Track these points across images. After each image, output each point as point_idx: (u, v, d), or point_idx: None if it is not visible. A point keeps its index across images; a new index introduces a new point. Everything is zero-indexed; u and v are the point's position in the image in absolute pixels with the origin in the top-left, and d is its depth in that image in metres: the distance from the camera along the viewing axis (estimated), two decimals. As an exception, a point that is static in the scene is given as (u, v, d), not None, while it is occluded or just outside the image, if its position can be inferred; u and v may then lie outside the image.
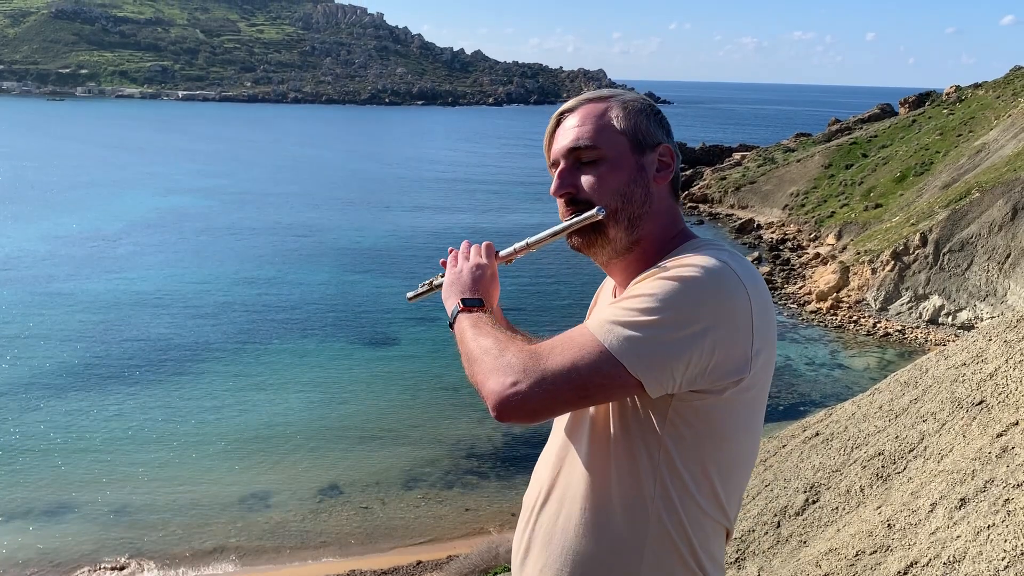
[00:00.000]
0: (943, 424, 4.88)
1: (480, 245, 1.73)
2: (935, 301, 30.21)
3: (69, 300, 30.50)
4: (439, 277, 1.77)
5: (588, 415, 1.50)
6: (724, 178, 52.73)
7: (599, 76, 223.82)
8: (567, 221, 1.56)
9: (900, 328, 29.66)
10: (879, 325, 29.84)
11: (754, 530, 5.41)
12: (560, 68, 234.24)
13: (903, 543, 3.76)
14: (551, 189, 1.58)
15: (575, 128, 1.56)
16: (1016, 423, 4.03)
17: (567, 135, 1.57)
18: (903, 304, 30.72)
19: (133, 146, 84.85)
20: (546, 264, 35.30)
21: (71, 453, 19.07)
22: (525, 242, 1.67)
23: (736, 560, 5.19)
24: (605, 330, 1.36)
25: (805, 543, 4.84)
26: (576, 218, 1.54)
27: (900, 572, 3.48)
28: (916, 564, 3.43)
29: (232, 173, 67.18)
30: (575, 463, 1.51)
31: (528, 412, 1.36)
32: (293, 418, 21.35)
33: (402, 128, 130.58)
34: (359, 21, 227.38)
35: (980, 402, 4.70)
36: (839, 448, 5.77)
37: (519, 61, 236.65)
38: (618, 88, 1.66)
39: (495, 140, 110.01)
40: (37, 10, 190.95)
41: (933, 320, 29.91)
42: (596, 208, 1.52)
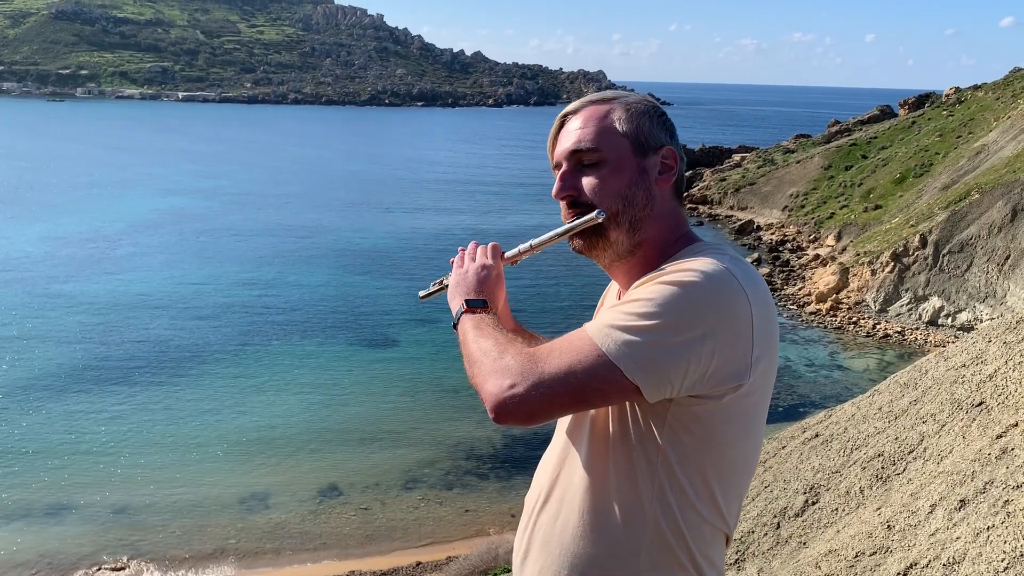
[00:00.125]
0: (943, 425, 4.89)
1: (487, 246, 1.73)
2: (935, 302, 30.22)
3: (69, 301, 30.50)
4: (449, 276, 1.77)
5: (588, 418, 1.50)
6: (724, 179, 52.76)
7: (599, 77, 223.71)
8: (568, 224, 1.56)
9: (900, 329, 29.66)
10: (879, 326, 29.85)
11: (754, 531, 5.41)
12: (560, 69, 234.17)
13: (903, 544, 3.76)
14: (553, 191, 1.58)
15: (577, 130, 1.56)
16: (1016, 424, 4.03)
17: (569, 137, 1.57)
18: (903, 305, 30.73)
19: (133, 147, 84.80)
20: (547, 266, 35.30)
21: (71, 454, 19.06)
22: (529, 244, 1.68)
23: (736, 561, 5.19)
24: (603, 334, 1.36)
25: (805, 544, 4.84)
26: (577, 221, 1.54)
27: (900, 573, 3.49)
28: (916, 565, 3.43)
29: (232, 174, 67.17)
30: (575, 465, 1.51)
31: (525, 415, 1.37)
32: (293, 419, 21.35)
33: (402, 129, 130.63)
34: (359, 22, 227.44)
35: (980, 403, 4.71)
36: (839, 449, 5.77)
37: (519, 62, 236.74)
38: (621, 90, 1.66)
39: (495, 141, 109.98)
40: (37, 11, 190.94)
41: (933, 321, 29.92)
42: (596, 211, 1.52)
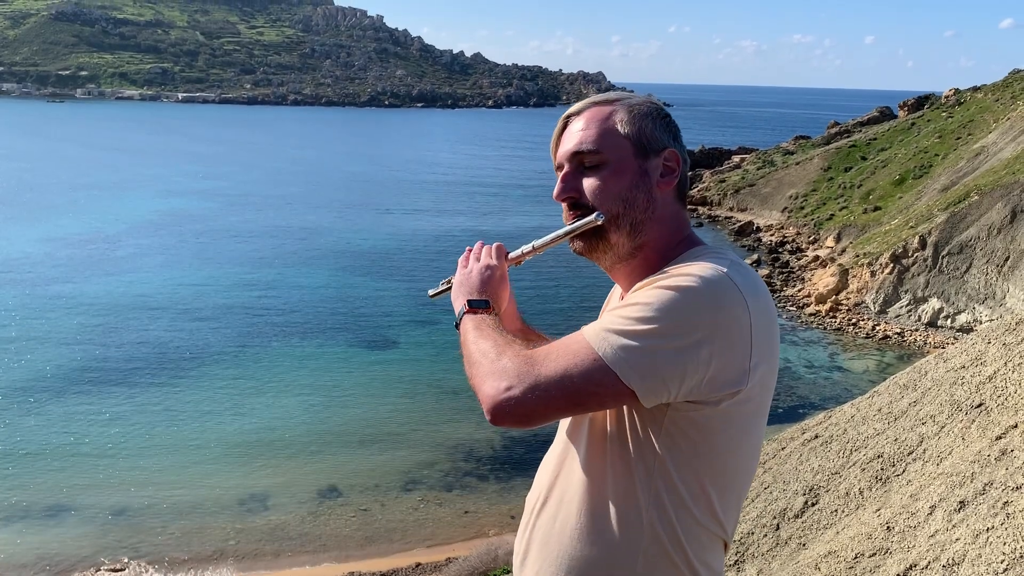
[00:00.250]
0: (942, 427, 4.89)
1: (491, 246, 1.73)
2: (934, 304, 30.23)
3: (68, 302, 30.49)
4: None
5: (587, 419, 1.50)
6: (723, 180, 52.78)
7: (599, 79, 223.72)
8: (569, 226, 1.56)
9: (899, 331, 29.68)
10: (878, 328, 29.86)
11: (753, 532, 5.41)
12: (560, 71, 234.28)
13: (902, 546, 3.77)
14: (554, 192, 1.57)
15: (579, 132, 1.56)
16: (1015, 426, 4.03)
17: (571, 139, 1.57)
18: (902, 307, 30.75)
19: (133, 148, 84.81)
20: (547, 267, 35.28)
21: (70, 456, 19.05)
22: (531, 245, 1.68)
23: (735, 562, 5.19)
24: (600, 338, 1.36)
25: (804, 545, 4.84)
26: (577, 223, 1.54)
27: (899, 575, 3.49)
28: (915, 567, 3.44)
29: (232, 175, 67.17)
30: (574, 467, 1.51)
31: (520, 417, 1.37)
32: (292, 421, 21.34)
33: (402, 130, 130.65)
34: (359, 23, 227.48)
35: (979, 405, 4.71)
36: (838, 451, 5.77)
37: (519, 63, 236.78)
38: (624, 91, 1.66)
39: (494, 142, 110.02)
40: (37, 12, 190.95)
41: (932, 323, 29.93)
42: (595, 214, 1.51)
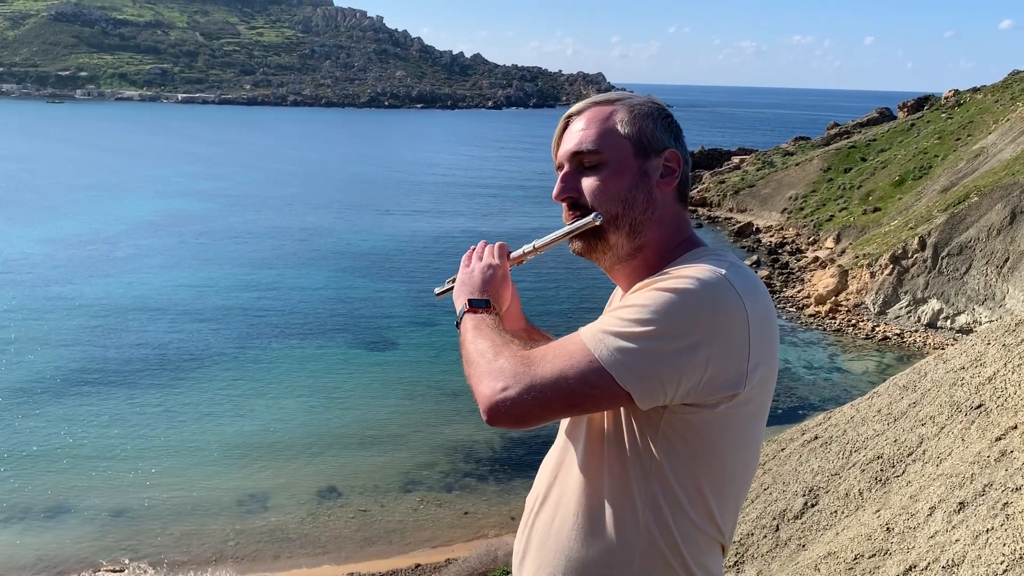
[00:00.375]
0: (942, 428, 4.89)
1: (494, 245, 1.73)
2: (934, 305, 30.24)
3: (68, 303, 30.48)
4: None
5: (585, 420, 1.50)
6: (723, 182, 52.80)
7: (598, 79, 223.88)
8: (568, 226, 1.56)
9: (899, 332, 29.68)
10: (878, 329, 29.86)
11: (753, 533, 5.40)
12: (559, 71, 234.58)
13: (902, 547, 3.76)
14: (553, 192, 1.57)
15: (580, 132, 1.55)
16: (1015, 427, 4.03)
17: (572, 139, 1.57)
18: (902, 308, 30.75)
19: (132, 149, 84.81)
20: (547, 268, 35.28)
21: (69, 457, 19.03)
22: (532, 245, 1.68)
23: (735, 564, 5.19)
24: (596, 340, 1.36)
25: (804, 546, 4.84)
26: (575, 223, 1.54)
27: (899, 576, 3.48)
28: (915, 568, 3.43)
29: (231, 176, 67.18)
30: (572, 468, 1.51)
31: (516, 418, 1.36)
32: (292, 422, 21.33)
33: (401, 131, 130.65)
34: (359, 24, 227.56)
35: (979, 406, 4.71)
36: (838, 452, 5.77)
37: (518, 64, 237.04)
38: (625, 91, 1.66)
39: (494, 143, 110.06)
40: (37, 12, 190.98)
41: (932, 324, 29.93)
42: (594, 214, 1.51)
